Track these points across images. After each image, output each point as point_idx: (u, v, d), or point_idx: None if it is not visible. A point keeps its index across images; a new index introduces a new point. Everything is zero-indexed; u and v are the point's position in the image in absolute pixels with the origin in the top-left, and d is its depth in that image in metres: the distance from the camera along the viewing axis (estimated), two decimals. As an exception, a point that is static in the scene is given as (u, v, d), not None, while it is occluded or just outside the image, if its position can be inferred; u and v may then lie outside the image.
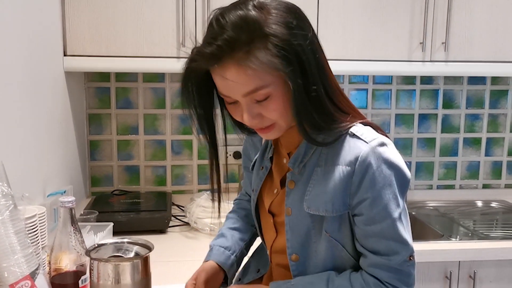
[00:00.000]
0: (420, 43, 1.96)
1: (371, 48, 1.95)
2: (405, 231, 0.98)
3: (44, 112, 1.59)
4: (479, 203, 2.35)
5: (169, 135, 2.27)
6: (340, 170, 0.97)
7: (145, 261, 1.06)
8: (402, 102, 2.40)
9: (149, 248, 1.08)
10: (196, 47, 0.93)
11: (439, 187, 2.48)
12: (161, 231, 1.85)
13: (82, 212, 1.75)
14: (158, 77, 2.23)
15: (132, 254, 1.07)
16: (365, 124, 1.02)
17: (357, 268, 1.03)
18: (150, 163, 2.28)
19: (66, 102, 1.88)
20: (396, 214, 0.96)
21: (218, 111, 1.06)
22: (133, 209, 1.95)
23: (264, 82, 0.90)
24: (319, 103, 0.94)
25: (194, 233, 1.85)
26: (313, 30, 0.96)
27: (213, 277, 1.16)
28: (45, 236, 1.21)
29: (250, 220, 1.29)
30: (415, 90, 2.39)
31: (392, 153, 0.97)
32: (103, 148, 2.24)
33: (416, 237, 2.13)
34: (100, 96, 2.21)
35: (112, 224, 1.63)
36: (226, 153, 1.11)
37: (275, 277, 1.15)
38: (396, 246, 0.97)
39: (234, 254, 1.21)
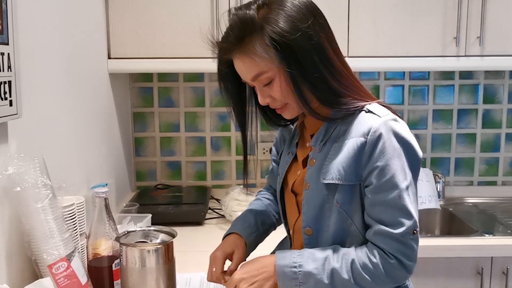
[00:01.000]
0: (454, 37, 1.95)
1: (403, 44, 1.96)
2: (411, 204, 1.02)
3: (88, 110, 1.72)
4: (522, 200, 2.30)
5: (209, 132, 2.37)
6: (354, 141, 1.04)
7: (168, 247, 1.15)
8: (439, 97, 2.38)
9: (173, 236, 1.17)
10: (218, 42, 1.12)
11: (480, 183, 2.44)
12: (198, 223, 1.95)
13: (124, 204, 1.88)
14: (198, 77, 2.33)
15: (157, 241, 1.17)
16: (382, 105, 1.10)
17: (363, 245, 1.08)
18: (191, 159, 2.39)
19: (110, 102, 2.01)
20: (403, 185, 1.01)
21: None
22: (173, 202, 2.07)
23: (263, 68, 1.05)
24: (321, 82, 1.05)
25: (229, 225, 1.89)
26: (315, 21, 1.05)
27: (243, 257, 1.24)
28: (83, 224, 1.32)
29: (272, 209, 1.36)
30: (453, 85, 2.36)
31: (403, 129, 1.05)
32: (147, 145, 2.37)
33: (451, 233, 2.14)
34: (144, 95, 2.34)
35: (150, 215, 1.74)
36: (257, 136, 1.23)
37: None
38: (400, 216, 1.01)
39: (256, 233, 1.28)
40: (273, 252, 1.35)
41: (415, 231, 1.03)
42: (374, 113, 1.05)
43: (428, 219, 2.23)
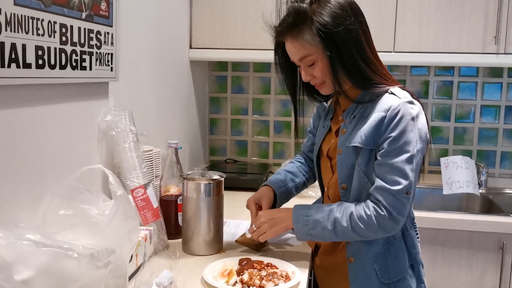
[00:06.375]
0: (494, 37, 2.14)
1: (446, 42, 2.18)
2: (411, 171, 1.26)
3: (170, 88, 2.13)
4: None
5: (272, 117, 2.72)
6: (376, 115, 1.31)
7: (218, 184, 1.50)
8: (487, 94, 2.54)
9: (222, 177, 1.52)
10: (274, 27, 1.40)
11: (525, 177, 2.57)
12: (255, 189, 2.28)
13: (196, 169, 2.27)
14: (265, 67, 2.69)
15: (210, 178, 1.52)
16: (403, 89, 1.36)
17: None
18: (256, 139, 2.75)
19: (190, 85, 2.42)
20: (408, 154, 1.26)
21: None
22: (238, 172, 2.44)
23: (309, 52, 1.32)
24: (355, 68, 1.32)
25: (281, 193, 2.26)
26: (355, 18, 1.32)
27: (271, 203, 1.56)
28: (159, 168, 1.72)
29: (303, 170, 1.67)
30: (501, 83, 2.52)
31: (417, 110, 1.30)
32: (220, 125, 2.77)
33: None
34: (219, 82, 2.74)
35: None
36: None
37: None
38: (399, 177, 1.26)
39: (285, 187, 1.60)
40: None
41: (408, 192, 1.27)
42: (396, 95, 1.31)
43: (468, 203, 2.41)
